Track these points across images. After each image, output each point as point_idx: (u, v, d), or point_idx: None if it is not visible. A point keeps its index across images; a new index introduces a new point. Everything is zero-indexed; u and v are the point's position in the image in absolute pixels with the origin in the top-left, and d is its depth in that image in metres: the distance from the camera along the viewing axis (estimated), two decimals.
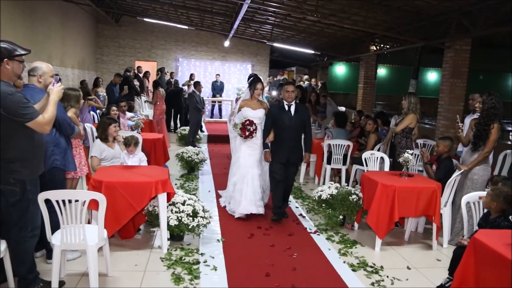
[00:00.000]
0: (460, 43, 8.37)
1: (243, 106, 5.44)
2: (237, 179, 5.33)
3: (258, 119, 5.34)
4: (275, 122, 5.16)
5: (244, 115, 5.34)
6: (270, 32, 15.10)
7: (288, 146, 5.12)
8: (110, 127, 4.90)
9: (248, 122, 5.23)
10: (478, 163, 4.70)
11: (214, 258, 4.09)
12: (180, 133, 10.93)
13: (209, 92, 15.95)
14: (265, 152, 5.25)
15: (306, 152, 5.34)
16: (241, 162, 5.35)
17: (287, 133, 5.10)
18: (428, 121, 14.24)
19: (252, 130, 5.23)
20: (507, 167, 6.06)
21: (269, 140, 5.20)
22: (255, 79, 5.51)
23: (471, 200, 3.78)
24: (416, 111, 5.66)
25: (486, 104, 4.63)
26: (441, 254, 4.52)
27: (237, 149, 5.48)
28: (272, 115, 5.21)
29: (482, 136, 4.66)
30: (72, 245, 3.23)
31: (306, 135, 5.32)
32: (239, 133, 5.27)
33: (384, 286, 3.74)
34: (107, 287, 3.46)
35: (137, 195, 3.94)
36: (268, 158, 5.18)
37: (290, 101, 5.16)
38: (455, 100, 8.60)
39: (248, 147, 5.36)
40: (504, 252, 2.66)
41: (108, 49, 16.61)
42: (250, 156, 5.35)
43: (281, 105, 5.22)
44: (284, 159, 5.13)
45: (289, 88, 5.19)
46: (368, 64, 13.69)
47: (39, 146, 3.19)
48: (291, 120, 5.11)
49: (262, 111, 5.42)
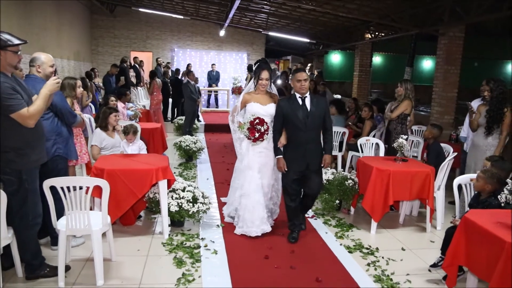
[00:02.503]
0: (454, 30, 8.45)
1: (247, 100, 4.41)
2: (246, 192, 4.36)
3: (269, 117, 4.32)
4: (287, 120, 4.15)
5: (252, 112, 4.29)
6: (266, 21, 15.11)
7: (306, 150, 4.13)
8: (111, 116, 4.97)
9: (259, 120, 4.21)
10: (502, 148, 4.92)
11: (214, 242, 4.21)
12: (177, 123, 11.00)
13: (205, 81, 16.00)
14: (277, 160, 4.22)
15: (327, 154, 4.27)
16: (251, 172, 4.35)
17: (304, 133, 4.11)
18: (423, 109, 14.36)
19: (263, 130, 4.21)
20: None
21: (281, 144, 4.20)
22: (260, 65, 4.45)
23: (462, 182, 3.91)
24: (411, 98, 5.79)
25: (495, 91, 4.87)
26: (434, 236, 4.66)
27: (244, 153, 4.44)
28: (283, 111, 4.16)
29: (496, 120, 4.88)
30: (77, 230, 3.32)
31: (326, 132, 4.29)
32: (246, 134, 4.25)
33: (380, 266, 3.87)
34: (111, 271, 3.57)
35: (138, 182, 4.03)
36: (282, 167, 4.17)
37: (304, 92, 4.14)
38: (449, 87, 8.70)
39: (258, 153, 4.36)
40: (493, 230, 2.78)
41: (103, 40, 16.59)
42: (259, 163, 4.36)
43: (293, 98, 4.20)
44: (302, 166, 4.15)
45: (300, 76, 4.11)
46: (363, 52, 13.75)
47: (36, 136, 3.20)
48: (307, 116, 4.10)
49: (273, 106, 4.36)
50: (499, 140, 4.92)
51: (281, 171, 4.22)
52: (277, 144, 4.21)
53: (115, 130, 5.10)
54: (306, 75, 4.17)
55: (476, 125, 5.12)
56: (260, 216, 4.31)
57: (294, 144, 4.18)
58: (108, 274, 3.48)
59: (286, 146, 4.24)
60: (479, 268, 2.91)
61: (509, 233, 2.72)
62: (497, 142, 4.92)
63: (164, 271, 3.60)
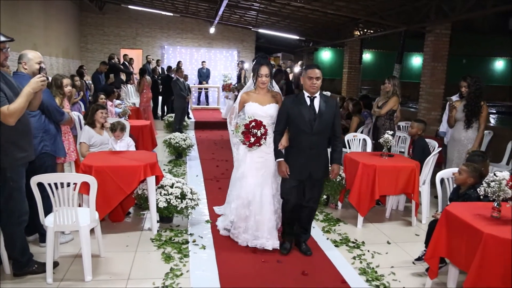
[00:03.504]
0: (440, 27, 8.57)
1: (246, 100, 3.99)
2: (242, 203, 3.96)
3: (269, 119, 3.90)
4: (291, 121, 3.73)
5: (250, 113, 3.89)
6: (255, 18, 15.15)
7: (310, 156, 3.70)
8: (97, 113, 4.99)
9: (255, 123, 3.73)
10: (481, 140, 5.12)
11: (202, 238, 4.25)
12: (167, 120, 11.00)
13: (195, 79, 16.00)
14: (278, 163, 3.79)
15: (335, 163, 3.88)
16: (248, 180, 3.95)
17: (308, 137, 3.68)
18: (413, 105, 14.51)
19: (260, 135, 3.72)
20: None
21: (282, 146, 3.79)
22: (258, 61, 3.96)
23: (445, 176, 3.99)
24: (399, 94, 5.90)
25: (473, 86, 5.04)
26: (419, 229, 4.74)
27: (241, 159, 4.03)
28: (288, 111, 3.73)
29: (474, 113, 5.04)
30: (65, 226, 3.35)
31: (336, 139, 3.86)
32: (241, 139, 3.80)
33: (365, 259, 3.94)
34: (99, 266, 3.60)
35: (126, 178, 4.06)
36: (285, 171, 3.74)
37: (314, 92, 3.69)
38: (436, 83, 8.82)
39: (256, 158, 3.94)
40: (472, 222, 2.86)
41: (93, 37, 16.51)
42: (258, 170, 3.94)
43: (300, 97, 3.76)
44: (303, 174, 3.73)
45: (312, 73, 3.65)
46: (352, 49, 13.84)
47: (21, 134, 3.17)
48: (315, 118, 3.67)
49: (274, 107, 3.93)
50: (478, 133, 5.06)
51: (284, 176, 3.76)
52: (277, 146, 3.80)
53: (103, 127, 5.11)
54: (319, 72, 3.68)
55: (453, 120, 5.26)
56: (260, 229, 3.91)
57: (296, 148, 3.74)
58: (97, 270, 3.52)
59: (287, 149, 3.81)
60: (459, 259, 2.99)
61: (487, 224, 2.80)
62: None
63: (153, 266, 3.64)
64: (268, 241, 3.90)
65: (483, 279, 2.65)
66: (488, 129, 6.89)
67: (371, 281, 3.52)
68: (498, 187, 2.90)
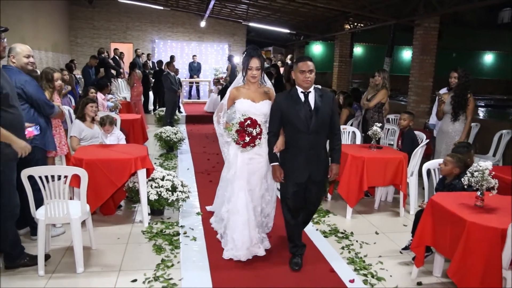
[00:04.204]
0: (429, 21, 8.64)
1: (236, 96, 3.68)
2: (234, 208, 3.69)
3: (262, 117, 3.62)
4: (285, 120, 3.41)
5: (242, 110, 3.59)
6: (246, 11, 15.14)
7: (308, 157, 3.39)
8: (87, 106, 4.98)
9: (250, 121, 3.44)
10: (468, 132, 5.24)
11: (193, 229, 4.30)
12: (158, 114, 11.00)
13: (186, 73, 15.98)
14: (273, 168, 3.48)
15: (334, 163, 3.55)
16: (240, 183, 3.67)
17: (306, 137, 3.36)
18: (403, 98, 14.62)
19: (255, 134, 3.44)
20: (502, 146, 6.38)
21: (278, 149, 3.47)
22: (248, 53, 3.64)
23: (431, 167, 4.07)
24: (388, 87, 5.98)
25: (463, 78, 5.14)
26: (407, 220, 4.83)
27: (232, 161, 3.75)
28: (281, 109, 3.41)
29: (461, 105, 5.14)
30: (56, 219, 3.37)
31: (334, 136, 3.54)
32: (234, 138, 3.48)
33: (353, 249, 4.02)
34: (91, 258, 3.63)
35: (117, 171, 4.09)
36: (279, 177, 3.45)
37: (307, 86, 3.37)
38: (424, 76, 8.92)
39: (247, 160, 3.66)
40: (456, 211, 2.94)
41: (83, 31, 16.39)
42: (251, 175, 3.68)
43: (293, 93, 3.44)
44: (303, 177, 3.42)
45: (304, 66, 3.32)
46: (342, 42, 13.89)
47: (16, 129, 3.19)
48: (311, 115, 3.35)
49: (268, 103, 3.63)
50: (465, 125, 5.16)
51: (278, 181, 3.51)
52: (272, 148, 3.48)
53: (94, 121, 5.12)
54: (312, 64, 3.35)
55: (442, 113, 5.37)
56: (251, 236, 3.64)
57: (293, 149, 3.42)
58: (88, 262, 3.55)
59: (284, 152, 3.49)
60: (444, 247, 3.07)
61: (470, 213, 2.88)
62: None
63: (144, 258, 3.67)
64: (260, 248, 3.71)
65: (466, 266, 2.73)
66: (476, 121, 7.01)
67: (359, 270, 3.60)
68: (481, 176, 2.98)
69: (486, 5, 7.31)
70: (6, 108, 3.12)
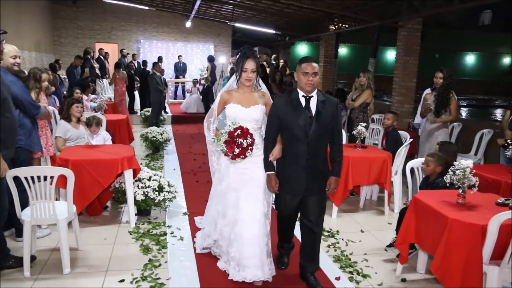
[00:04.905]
0: (412, 22, 8.78)
1: (227, 101, 3.35)
2: (228, 223, 3.37)
3: (254, 123, 3.28)
4: (283, 126, 3.14)
5: (231, 116, 3.27)
6: (232, 12, 15.15)
7: (306, 167, 3.11)
8: (73, 107, 4.95)
9: (241, 131, 3.12)
10: (445, 123, 5.39)
11: (180, 229, 4.31)
12: (144, 115, 10.95)
13: (172, 73, 15.93)
14: (268, 176, 3.21)
15: (333, 176, 3.22)
16: (232, 195, 3.33)
17: (304, 145, 3.08)
18: (387, 98, 14.80)
19: (246, 145, 3.12)
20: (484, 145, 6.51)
21: (274, 157, 3.19)
22: (243, 53, 3.31)
23: (415, 166, 4.15)
24: (372, 87, 6.08)
25: (448, 78, 5.27)
26: (392, 218, 4.91)
27: (224, 171, 3.41)
28: (279, 114, 3.14)
29: (443, 104, 5.27)
30: (42, 219, 3.35)
31: (335, 146, 3.23)
32: (223, 149, 3.17)
33: (339, 247, 4.08)
34: (78, 259, 3.61)
35: (103, 172, 4.08)
36: (274, 186, 3.18)
37: (310, 90, 3.09)
38: (408, 77, 9.05)
39: (241, 169, 3.30)
40: (439, 208, 3.01)
41: (66, 31, 16.19)
42: (245, 183, 3.29)
43: (294, 97, 3.14)
44: (300, 189, 3.15)
45: (308, 68, 3.04)
46: (328, 43, 14.00)
47: (10, 131, 3.20)
48: (311, 122, 3.07)
49: (260, 109, 3.31)
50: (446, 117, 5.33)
51: (273, 191, 3.24)
52: (268, 156, 3.20)
53: (79, 121, 5.09)
54: (317, 66, 3.07)
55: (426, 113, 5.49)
56: (250, 256, 3.17)
57: (290, 158, 3.15)
58: (75, 263, 3.54)
59: (280, 160, 3.22)
60: (427, 243, 3.14)
61: (452, 210, 2.95)
62: (447, 128, 5.29)
63: (131, 258, 3.67)
64: (260, 271, 3.17)
65: (448, 261, 2.80)
66: (458, 121, 7.15)
67: (345, 268, 3.65)
68: (463, 174, 3.06)
69: (467, 7, 7.46)
70: (4, 113, 3.11)
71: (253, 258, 3.17)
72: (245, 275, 3.16)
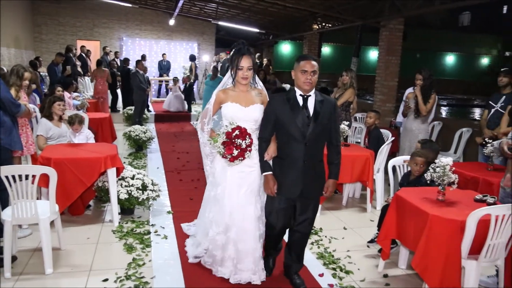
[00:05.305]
0: (394, 22, 8.91)
1: (223, 100, 3.19)
2: (222, 230, 3.23)
3: (253, 123, 3.14)
4: (279, 126, 3.03)
5: (228, 116, 3.13)
6: (215, 10, 15.12)
7: (302, 169, 3.00)
8: (54, 105, 4.89)
9: (239, 131, 2.99)
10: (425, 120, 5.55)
11: (164, 228, 4.29)
12: (127, 113, 10.85)
13: (155, 71, 15.83)
14: (265, 178, 3.08)
15: (331, 178, 3.13)
16: (228, 201, 3.18)
17: (301, 146, 2.97)
18: (370, 97, 14.98)
19: (245, 146, 3.00)
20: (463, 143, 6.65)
21: (269, 156, 3.07)
22: (238, 50, 3.15)
23: (396, 164, 4.22)
24: (355, 86, 6.15)
25: (428, 80, 5.38)
26: (374, 215, 4.98)
27: (219, 175, 3.24)
28: (275, 113, 3.03)
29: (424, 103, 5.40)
30: (24, 219, 3.31)
31: (333, 147, 3.14)
32: (221, 152, 3.03)
33: (323, 244, 4.13)
34: (60, 259, 3.58)
35: (86, 170, 4.04)
36: (272, 188, 3.03)
37: (308, 89, 2.98)
38: (390, 76, 9.18)
39: (237, 173, 3.17)
40: (419, 205, 3.08)
41: (47, 27, 15.91)
42: (240, 187, 3.17)
43: (291, 96, 3.03)
44: (295, 192, 3.03)
45: (307, 66, 2.93)
46: (311, 42, 14.09)
47: None
48: (308, 122, 2.96)
49: (259, 108, 3.16)
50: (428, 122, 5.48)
51: (271, 193, 3.05)
52: (263, 156, 3.08)
53: (61, 119, 5.03)
54: (316, 64, 2.95)
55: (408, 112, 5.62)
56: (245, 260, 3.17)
57: (286, 160, 3.03)
58: (58, 263, 3.50)
59: (274, 161, 3.10)
60: (408, 239, 3.21)
61: (432, 206, 3.02)
62: (427, 126, 5.41)
63: (115, 257, 3.66)
64: (255, 274, 3.17)
65: (429, 256, 2.87)
66: (438, 120, 7.30)
67: (328, 265, 3.70)
68: (443, 172, 3.13)
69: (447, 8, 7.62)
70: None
71: (248, 263, 3.17)
72: (240, 278, 3.18)
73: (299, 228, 3.17)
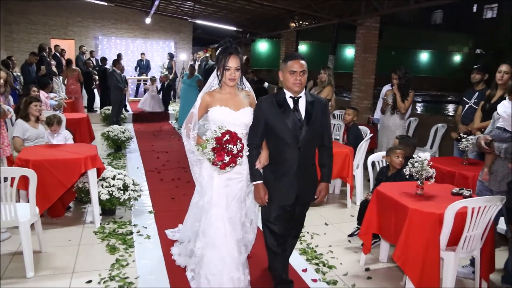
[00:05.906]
0: (370, 20, 9.05)
1: (209, 104, 2.97)
2: (210, 240, 3.00)
3: (243, 128, 2.95)
4: (270, 130, 2.87)
5: (217, 121, 2.91)
6: (192, 8, 15.04)
7: (296, 175, 2.86)
8: (31, 105, 4.79)
9: (229, 136, 2.74)
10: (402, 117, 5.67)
11: (146, 228, 4.28)
12: (104, 113, 10.70)
13: (132, 71, 15.65)
14: (256, 187, 2.92)
15: (324, 181, 3.03)
16: (217, 210, 2.98)
17: (293, 151, 2.82)
18: (347, 95, 15.18)
19: (236, 151, 2.75)
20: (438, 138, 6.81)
21: (261, 165, 2.91)
22: (225, 49, 2.94)
23: (376, 159, 4.32)
24: (333, 84, 6.24)
25: (403, 79, 5.50)
26: (354, 210, 5.04)
27: (206, 184, 3.04)
28: (265, 117, 2.86)
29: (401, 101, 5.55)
30: (3, 222, 3.25)
31: (325, 150, 3.03)
32: (210, 158, 2.77)
33: (305, 240, 4.19)
34: (41, 262, 3.52)
35: (66, 172, 3.99)
36: (263, 198, 2.89)
37: (298, 90, 2.82)
38: (367, 74, 9.32)
39: (225, 181, 2.99)
40: (399, 199, 3.16)
41: (18, 26, 15.50)
42: (229, 197, 3.00)
43: (280, 98, 2.87)
44: (289, 198, 2.90)
45: (295, 66, 2.77)
46: (288, 40, 14.17)
47: None
48: (301, 125, 2.81)
49: (250, 111, 2.98)
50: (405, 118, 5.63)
51: (262, 203, 2.92)
52: (254, 164, 2.91)
53: (39, 120, 4.93)
54: (305, 64, 2.79)
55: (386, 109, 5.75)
56: (232, 277, 2.95)
57: (278, 166, 2.88)
58: (39, 265, 3.45)
59: (267, 168, 2.93)
60: (388, 233, 3.29)
61: (412, 200, 3.11)
62: (404, 122, 5.57)
63: (98, 258, 3.63)
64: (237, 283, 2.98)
65: (409, 249, 2.95)
66: (414, 116, 7.47)
67: (311, 260, 3.76)
68: (421, 166, 3.22)
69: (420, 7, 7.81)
70: None
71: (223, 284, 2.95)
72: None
73: (291, 232, 3.15)
